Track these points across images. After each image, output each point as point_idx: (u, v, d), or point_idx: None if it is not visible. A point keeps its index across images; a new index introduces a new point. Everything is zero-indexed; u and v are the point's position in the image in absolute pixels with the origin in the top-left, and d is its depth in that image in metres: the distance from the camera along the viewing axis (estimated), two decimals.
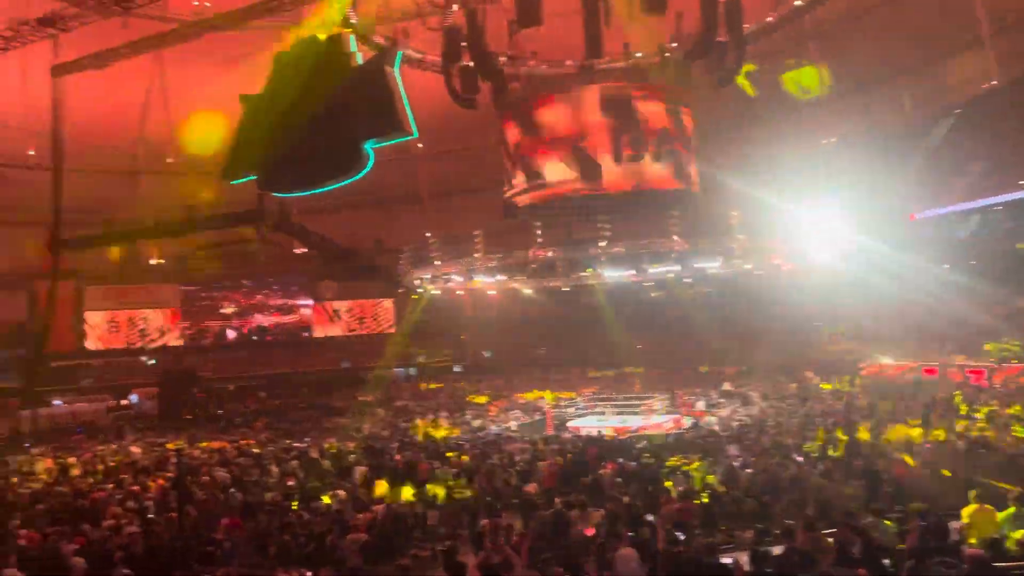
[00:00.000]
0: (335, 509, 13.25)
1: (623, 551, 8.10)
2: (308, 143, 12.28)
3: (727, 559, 7.82)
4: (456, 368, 48.38)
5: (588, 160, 28.44)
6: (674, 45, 27.57)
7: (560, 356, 45.37)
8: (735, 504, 12.16)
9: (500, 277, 32.74)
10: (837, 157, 32.04)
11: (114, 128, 36.18)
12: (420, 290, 36.85)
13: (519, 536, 10.42)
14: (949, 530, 7.65)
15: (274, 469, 17.96)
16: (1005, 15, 29.35)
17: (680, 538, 9.54)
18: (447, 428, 27.28)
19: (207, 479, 16.68)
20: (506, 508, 12.59)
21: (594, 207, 30.70)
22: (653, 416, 27.83)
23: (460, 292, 37.45)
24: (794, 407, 24.30)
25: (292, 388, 43.56)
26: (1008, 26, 29.37)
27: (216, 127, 21.95)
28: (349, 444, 22.27)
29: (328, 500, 14.02)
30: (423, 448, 20.68)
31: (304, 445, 22.49)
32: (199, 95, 33.96)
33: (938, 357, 28.92)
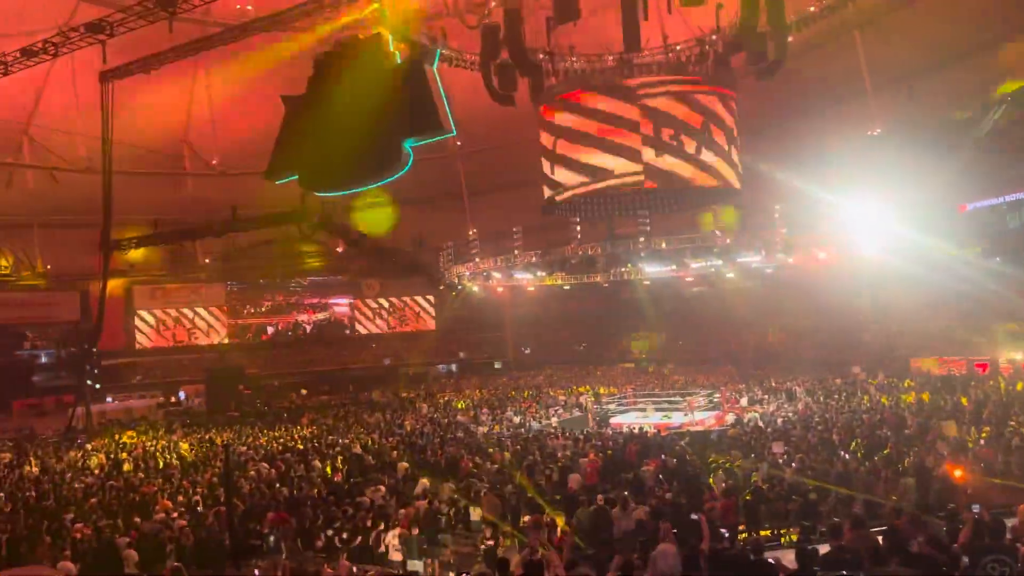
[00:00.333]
0: (378, 504, 13.38)
1: (662, 547, 8.03)
2: (349, 143, 12.44)
3: (772, 557, 7.70)
4: (496, 364, 48.59)
5: (628, 154, 28.26)
6: (714, 37, 27.22)
7: (600, 353, 45.25)
8: (781, 501, 11.99)
9: (540, 273, 32.74)
10: (883, 148, 31.29)
11: (161, 131, 36.97)
12: (460, 287, 37.06)
13: (561, 532, 10.41)
14: (1005, 528, 7.42)
15: (318, 464, 18.24)
16: None
17: (724, 535, 9.42)
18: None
19: (253, 474, 17.03)
20: (548, 504, 12.56)
21: (634, 202, 30.53)
22: (695, 412, 27.52)
23: (500, 289, 37.55)
24: (841, 403, 23.84)
25: (335, 384, 44.16)
26: None
27: None
28: (391, 440, 22.46)
29: (371, 495, 14.15)
30: (465, 444, 20.75)
31: (347, 441, 22.74)
32: (240, 98, 34.67)
33: (989, 351, 28.19)
